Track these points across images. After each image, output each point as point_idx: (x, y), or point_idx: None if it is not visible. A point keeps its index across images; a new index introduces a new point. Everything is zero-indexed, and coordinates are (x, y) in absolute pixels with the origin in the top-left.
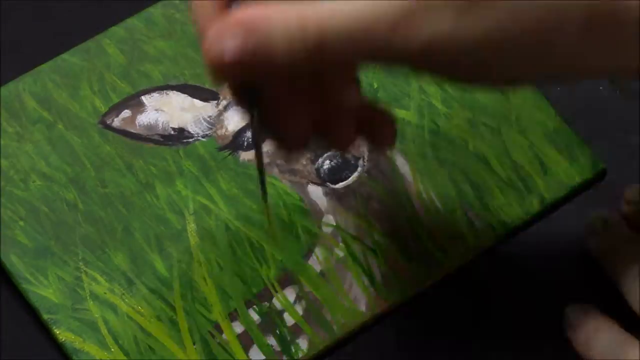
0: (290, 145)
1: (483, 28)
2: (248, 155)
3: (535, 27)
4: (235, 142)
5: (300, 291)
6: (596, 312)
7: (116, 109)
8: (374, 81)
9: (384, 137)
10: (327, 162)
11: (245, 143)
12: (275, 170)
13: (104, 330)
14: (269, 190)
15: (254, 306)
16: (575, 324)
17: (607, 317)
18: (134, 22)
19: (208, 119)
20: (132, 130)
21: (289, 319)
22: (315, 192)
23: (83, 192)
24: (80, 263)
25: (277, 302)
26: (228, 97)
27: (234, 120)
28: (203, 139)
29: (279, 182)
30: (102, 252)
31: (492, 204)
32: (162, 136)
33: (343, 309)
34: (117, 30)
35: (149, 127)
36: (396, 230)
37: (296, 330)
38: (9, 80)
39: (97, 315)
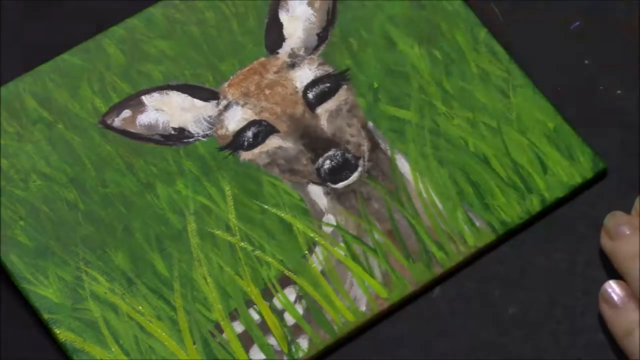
0: None
1: None
2: (248, 155)
3: None
4: (235, 142)
5: (300, 291)
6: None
7: (116, 108)
8: (374, 81)
9: None
10: (328, 162)
11: (246, 143)
12: (276, 170)
13: (105, 330)
14: (269, 189)
15: (254, 306)
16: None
17: None
18: (134, 22)
19: (208, 118)
20: (133, 130)
21: (289, 319)
22: (316, 192)
23: (83, 192)
24: (81, 263)
25: (277, 302)
26: (228, 97)
27: (234, 120)
28: (203, 139)
29: (279, 181)
30: (103, 252)
31: (492, 204)
32: (163, 136)
33: (343, 309)
34: (117, 30)
35: (150, 127)
36: (396, 230)
37: (296, 330)
38: (9, 80)
39: (97, 315)
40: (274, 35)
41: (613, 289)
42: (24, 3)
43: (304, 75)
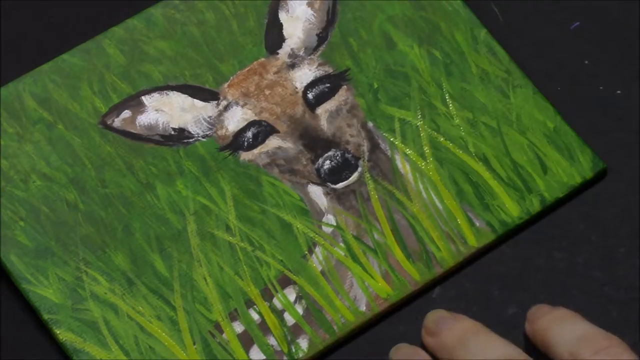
0: None
1: None
2: (248, 156)
3: None
4: (235, 142)
5: (300, 291)
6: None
7: (116, 109)
8: (374, 81)
9: None
10: (327, 162)
11: (246, 143)
12: (276, 171)
13: (105, 330)
14: (269, 190)
15: (254, 306)
16: (532, 318)
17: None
18: (134, 22)
19: (208, 119)
20: (133, 131)
21: (289, 319)
22: (316, 192)
23: (83, 192)
24: (81, 263)
25: (277, 302)
26: (228, 98)
27: (234, 120)
28: (203, 139)
29: (279, 182)
30: (103, 252)
31: (492, 204)
32: (163, 136)
33: (343, 309)
34: (117, 30)
35: (149, 127)
36: (396, 230)
37: (296, 330)
38: (9, 80)
39: (97, 316)
40: (274, 36)
41: None
42: (24, 3)
43: (303, 75)
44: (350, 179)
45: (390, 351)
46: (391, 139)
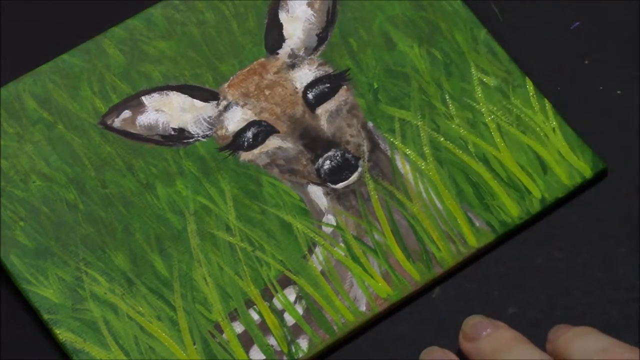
0: None
1: None
2: (248, 156)
3: None
4: (235, 143)
5: (300, 291)
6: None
7: (116, 109)
8: (374, 81)
9: None
10: (327, 162)
11: (246, 143)
12: (276, 171)
13: (105, 331)
14: (269, 190)
15: (254, 306)
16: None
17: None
18: (134, 22)
19: (208, 119)
20: (132, 131)
21: (289, 319)
22: (316, 192)
23: (83, 192)
24: (81, 263)
25: (277, 302)
26: (228, 98)
27: (234, 120)
28: (203, 140)
29: (279, 182)
30: (103, 252)
31: (492, 204)
32: (162, 136)
33: (343, 309)
34: (117, 30)
35: (149, 127)
36: (396, 230)
37: (296, 330)
38: (9, 80)
39: (97, 316)
40: (274, 36)
41: None
42: (24, 3)
43: (303, 75)
44: (350, 179)
45: (420, 353)
46: (391, 139)
